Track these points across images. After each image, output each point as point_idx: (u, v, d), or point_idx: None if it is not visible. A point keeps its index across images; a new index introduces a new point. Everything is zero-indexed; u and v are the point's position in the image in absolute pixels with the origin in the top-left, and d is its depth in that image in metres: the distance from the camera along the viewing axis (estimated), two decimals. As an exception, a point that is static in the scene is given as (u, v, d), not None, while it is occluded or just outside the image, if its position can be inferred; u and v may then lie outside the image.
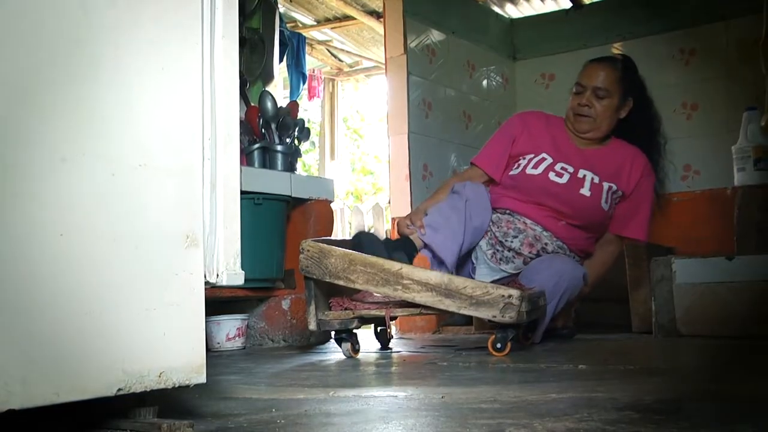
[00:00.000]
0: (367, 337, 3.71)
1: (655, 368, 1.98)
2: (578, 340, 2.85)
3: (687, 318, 2.81)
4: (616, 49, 4.56)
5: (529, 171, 2.91)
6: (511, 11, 5.17)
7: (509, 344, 2.29)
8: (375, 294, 2.43)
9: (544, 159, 2.92)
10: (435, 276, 2.29)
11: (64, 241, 0.98)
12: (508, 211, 2.90)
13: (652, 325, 2.90)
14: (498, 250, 2.87)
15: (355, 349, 2.51)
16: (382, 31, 4.35)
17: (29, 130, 0.96)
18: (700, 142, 4.25)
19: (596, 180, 2.89)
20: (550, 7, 5.17)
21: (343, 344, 2.50)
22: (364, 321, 2.50)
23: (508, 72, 4.84)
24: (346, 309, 2.46)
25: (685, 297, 2.82)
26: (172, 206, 1.12)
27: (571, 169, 2.90)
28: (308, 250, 2.43)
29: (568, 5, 4.90)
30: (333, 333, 2.62)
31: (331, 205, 3.49)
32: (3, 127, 0.93)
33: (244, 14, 3.67)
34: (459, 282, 2.27)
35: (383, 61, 4.21)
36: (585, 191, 2.86)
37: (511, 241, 2.85)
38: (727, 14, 4.19)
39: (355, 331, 2.53)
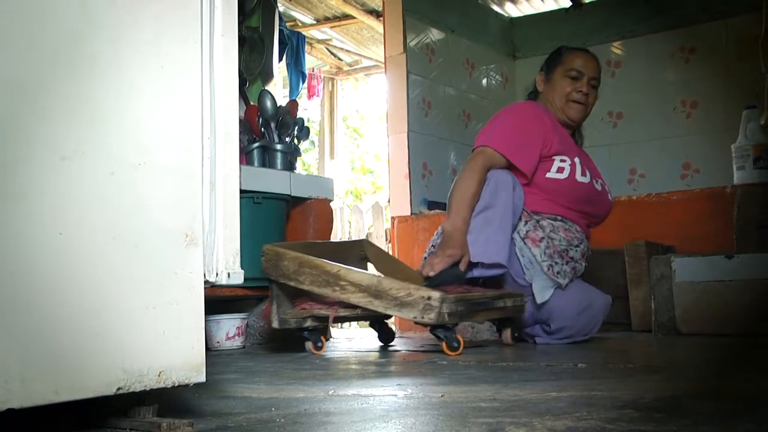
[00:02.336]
0: (367, 336, 3.70)
1: (655, 366, 1.98)
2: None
3: (686, 316, 2.82)
4: (616, 48, 4.57)
5: (579, 179, 2.72)
6: (511, 10, 5.17)
7: (462, 343, 2.30)
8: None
9: (583, 167, 2.76)
10: (366, 277, 2.37)
11: (64, 240, 0.98)
12: (559, 218, 2.71)
13: (652, 324, 2.90)
14: (556, 263, 2.62)
15: (317, 346, 2.61)
16: (381, 30, 4.35)
17: (29, 129, 0.96)
18: (700, 140, 4.25)
19: (608, 186, 2.90)
20: (549, 5, 5.18)
21: (306, 342, 2.62)
22: (317, 319, 2.59)
23: (507, 71, 4.85)
24: (302, 308, 2.57)
25: (684, 295, 2.83)
26: (171, 205, 1.12)
27: (592, 174, 2.82)
28: (267, 253, 2.60)
29: (568, 4, 4.90)
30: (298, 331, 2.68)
31: (331, 204, 3.49)
32: (3, 126, 0.93)
33: (243, 13, 3.67)
34: (386, 283, 2.33)
35: (383, 60, 4.21)
36: (610, 196, 2.88)
37: (575, 251, 2.68)
38: (726, 13, 4.20)
39: (316, 328, 2.63)
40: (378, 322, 2.90)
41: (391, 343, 2.90)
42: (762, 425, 1.04)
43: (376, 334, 2.97)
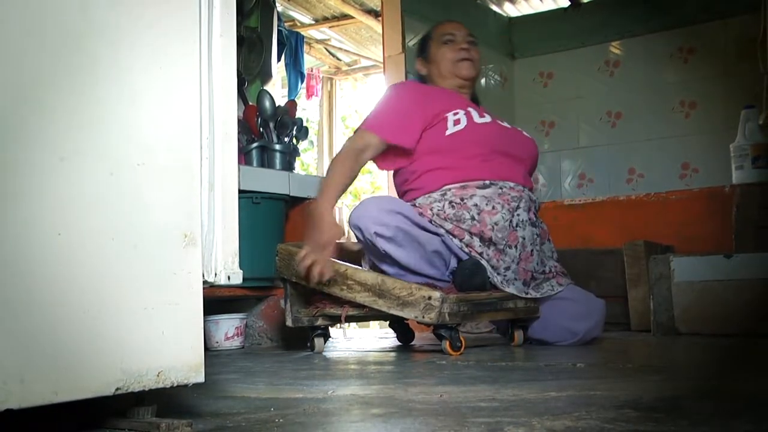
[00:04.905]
0: (366, 336, 3.70)
1: (654, 366, 1.99)
2: (577, 339, 2.85)
3: (685, 316, 2.82)
4: (615, 47, 4.57)
5: (478, 121, 2.61)
6: (510, 10, 5.17)
7: (464, 342, 2.29)
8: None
9: (480, 111, 2.68)
10: (371, 277, 2.37)
11: (63, 240, 0.98)
12: (488, 182, 2.51)
13: (651, 324, 2.90)
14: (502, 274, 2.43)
15: (325, 344, 2.65)
16: (380, 30, 4.35)
17: (28, 130, 0.96)
18: (699, 140, 4.25)
19: (518, 128, 2.80)
20: (548, 5, 5.18)
21: (316, 340, 2.61)
22: (329, 318, 2.59)
23: (506, 70, 4.84)
24: (315, 307, 2.57)
25: (683, 295, 2.83)
26: (170, 205, 1.12)
27: (498, 120, 2.72)
28: (280, 253, 2.63)
29: (567, 4, 4.90)
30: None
31: (330, 204, 3.48)
32: (2, 127, 0.93)
33: (242, 13, 3.67)
34: (390, 283, 2.33)
35: (381, 60, 4.20)
36: (526, 133, 2.77)
37: (524, 216, 2.49)
38: (725, 13, 4.20)
39: (325, 328, 2.64)
40: (397, 322, 2.90)
41: (411, 343, 2.92)
42: (761, 425, 1.04)
43: (395, 334, 3.00)
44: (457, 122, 2.60)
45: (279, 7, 4.60)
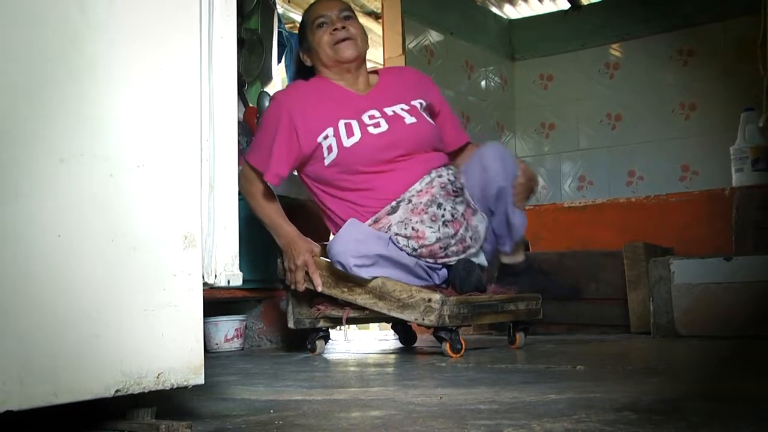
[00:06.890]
0: (365, 338, 3.70)
1: (654, 368, 1.98)
2: (576, 341, 2.85)
3: (685, 318, 2.82)
4: (614, 49, 4.57)
5: (348, 144, 2.49)
6: (510, 12, 5.17)
7: (464, 343, 2.29)
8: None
9: (349, 125, 2.52)
10: (372, 279, 2.36)
11: (62, 242, 0.98)
12: (394, 204, 2.48)
13: (651, 326, 2.90)
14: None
15: (325, 347, 2.69)
16: (380, 32, 4.35)
17: (28, 130, 0.96)
18: (698, 143, 4.26)
19: (405, 107, 2.62)
20: (548, 7, 5.18)
21: (317, 342, 2.63)
22: (330, 320, 2.60)
23: (506, 72, 4.85)
24: (317, 309, 2.58)
25: (683, 297, 2.82)
26: (170, 207, 1.12)
27: (378, 114, 2.57)
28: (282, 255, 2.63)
29: (567, 6, 4.90)
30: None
31: (330, 205, 3.48)
32: (2, 127, 0.93)
33: (242, 15, 3.67)
34: (390, 285, 2.33)
35: (382, 62, 4.20)
36: (409, 120, 2.58)
37: (447, 205, 2.46)
38: (725, 14, 4.21)
39: (326, 330, 2.66)
40: (399, 324, 2.90)
41: (413, 345, 2.93)
42: (761, 427, 1.04)
43: (396, 336, 3.00)
44: (330, 149, 2.52)
45: (279, 9, 4.60)
